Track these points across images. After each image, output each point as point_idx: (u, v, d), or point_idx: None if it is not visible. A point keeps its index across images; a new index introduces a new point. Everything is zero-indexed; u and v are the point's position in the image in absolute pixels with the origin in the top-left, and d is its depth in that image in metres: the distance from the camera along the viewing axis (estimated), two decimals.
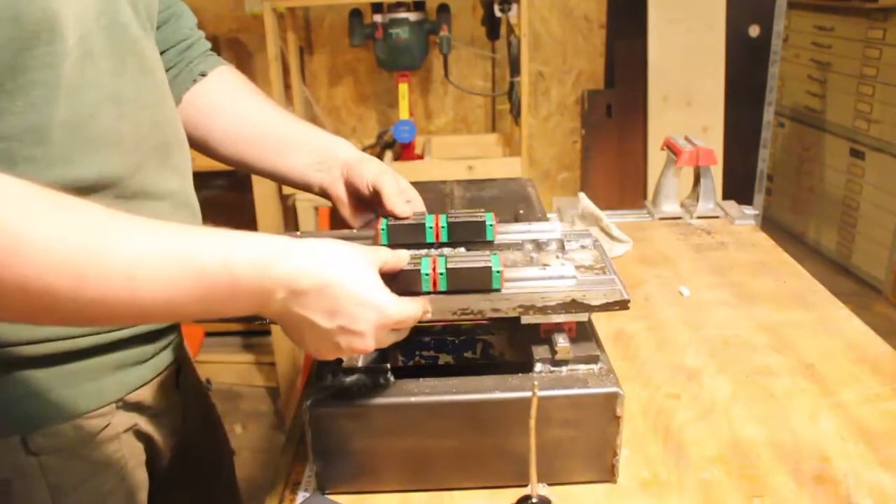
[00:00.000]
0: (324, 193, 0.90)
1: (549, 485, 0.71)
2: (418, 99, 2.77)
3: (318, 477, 0.75)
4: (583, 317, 0.76)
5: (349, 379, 0.73)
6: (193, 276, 0.55)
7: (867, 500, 0.73)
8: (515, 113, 2.34)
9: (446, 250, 0.80)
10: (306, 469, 0.79)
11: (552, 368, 0.74)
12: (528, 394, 0.63)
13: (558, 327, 0.76)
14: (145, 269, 0.53)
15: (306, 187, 0.90)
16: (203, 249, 0.56)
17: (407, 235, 0.82)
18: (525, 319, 0.74)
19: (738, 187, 2.61)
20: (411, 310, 0.66)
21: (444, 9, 2.32)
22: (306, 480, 0.78)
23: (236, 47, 2.61)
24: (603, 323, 1.06)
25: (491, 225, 0.83)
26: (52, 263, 0.50)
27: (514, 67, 2.30)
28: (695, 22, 2.73)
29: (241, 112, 0.89)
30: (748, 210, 1.44)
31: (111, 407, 0.73)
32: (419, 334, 0.88)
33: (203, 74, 0.89)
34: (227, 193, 2.50)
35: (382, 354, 0.76)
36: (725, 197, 1.49)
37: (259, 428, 2.44)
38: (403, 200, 0.84)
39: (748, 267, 1.23)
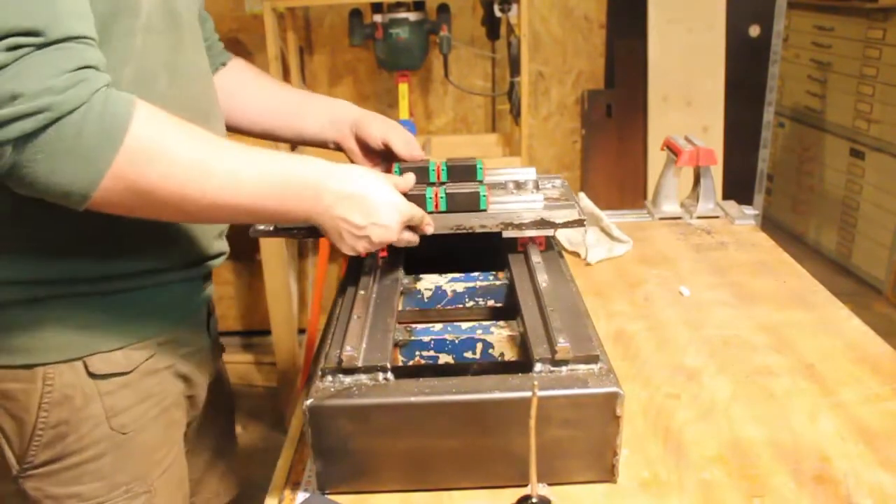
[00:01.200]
0: (338, 147, 1.08)
1: (549, 485, 0.71)
2: (418, 99, 2.77)
3: (318, 477, 0.75)
4: (549, 231, 0.97)
5: (349, 379, 0.73)
6: (270, 178, 0.75)
7: (867, 500, 0.73)
8: (515, 113, 2.33)
9: (446, 185, 0.99)
10: (306, 469, 0.79)
11: (552, 368, 0.74)
12: (528, 394, 0.63)
13: (532, 241, 0.98)
14: (245, 173, 0.73)
15: (323, 145, 1.09)
16: (279, 159, 0.76)
17: (415, 176, 0.97)
18: (505, 234, 0.95)
19: (738, 187, 2.60)
20: (419, 210, 0.88)
21: (444, 9, 2.32)
22: (306, 480, 0.78)
23: (236, 47, 2.61)
24: (603, 323, 1.06)
25: (481, 168, 1.03)
26: (182, 171, 0.69)
27: (514, 67, 2.30)
28: (695, 22, 2.73)
29: (260, 91, 1.06)
30: (748, 210, 1.44)
31: (154, 342, 0.85)
32: (419, 334, 0.88)
33: (224, 64, 1.05)
34: None
35: (382, 354, 0.76)
36: (725, 197, 1.49)
37: (259, 428, 2.44)
38: (410, 150, 1.05)
39: (748, 267, 1.23)
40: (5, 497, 0.85)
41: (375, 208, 0.81)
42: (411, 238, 0.88)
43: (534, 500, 0.66)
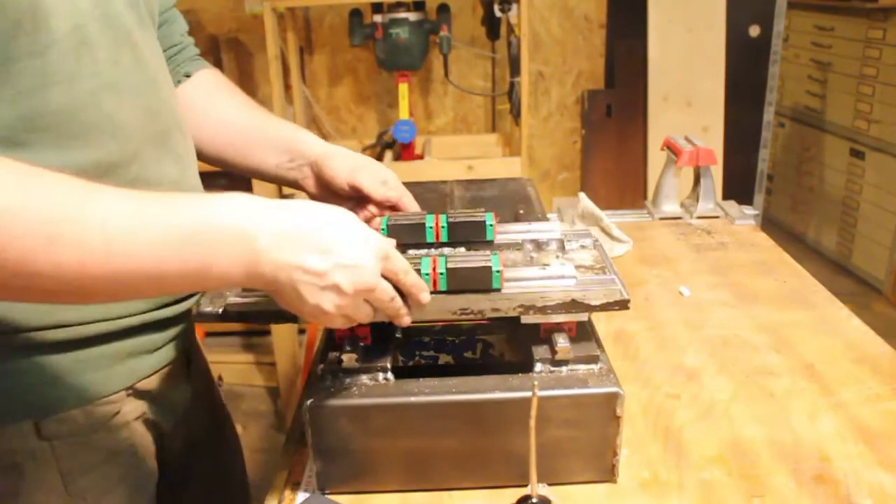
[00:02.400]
0: (299, 188, 0.92)
1: (549, 485, 0.71)
2: (418, 99, 2.77)
3: (318, 477, 0.75)
4: (582, 316, 0.76)
5: (349, 379, 0.73)
6: (170, 230, 0.55)
7: (867, 500, 0.73)
8: (515, 113, 2.33)
9: (446, 250, 0.81)
10: (306, 469, 0.79)
11: (552, 368, 0.74)
12: (528, 394, 0.63)
13: (558, 327, 0.76)
14: (119, 231, 0.53)
15: (284, 183, 0.92)
16: (180, 205, 0.56)
17: (407, 235, 0.82)
18: (525, 319, 0.74)
19: (738, 187, 2.61)
20: (402, 260, 0.65)
21: (444, 9, 2.32)
22: (306, 480, 0.78)
23: (236, 47, 2.61)
24: (603, 323, 1.06)
25: (491, 225, 0.83)
26: (25, 229, 0.50)
27: (514, 67, 2.30)
28: (695, 22, 2.73)
29: (216, 113, 0.91)
30: (748, 210, 1.44)
31: (122, 394, 0.74)
32: (419, 334, 0.88)
33: (187, 76, 0.92)
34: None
35: (382, 354, 0.76)
36: (725, 197, 1.49)
37: (259, 428, 2.44)
38: (386, 192, 0.86)
39: (748, 267, 1.23)
40: None
41: (337, 242, 0.59)
42: (395, 298, 0.65)
43: (534, 500, 0.66)
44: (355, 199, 0.88)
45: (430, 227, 0.82)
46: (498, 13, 2.26)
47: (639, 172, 2.91)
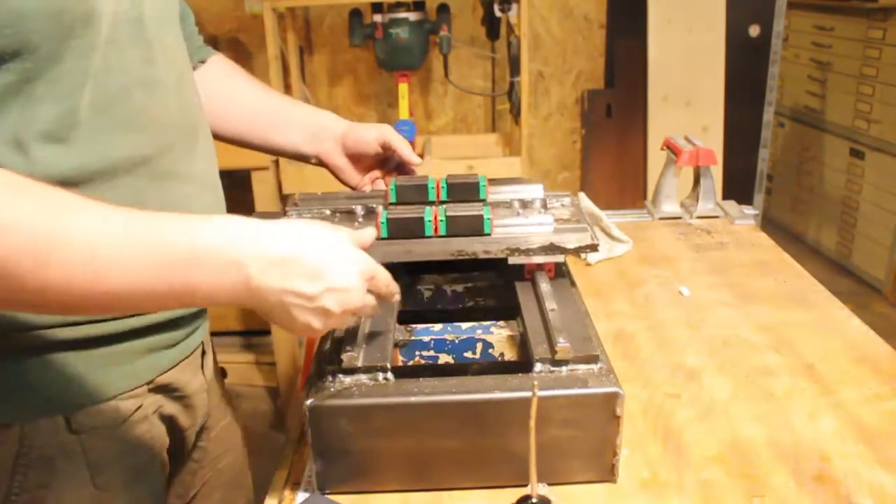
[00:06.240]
0: (321, 163, 1.00)
1: (549, 485, 0.70)
2: (418, 99, 2.77)
3: (318, 477, 0.75)
4: (559, 258, 0.88)
5: (349, 379, 0.73)
6: (156, 252, 0.56)
7: (867, 500, 0.73)
8: (515, 113, 2.33)
9: (446, 205, 0.91)
10: (306, 469, 0.79)
11: (552, 368, 0.74)
12: (528, 394, 0.63)
13: (540, 268, 0.89)
14: (106, 252, 0.54)
15: (302, 159, 1.00)
16: (167, 226, 0.57)
17: (413, 194, 0.93)
18: (511, 260, 0.86)
19: (738, 187, 2.60)
20: (382, 269, 0.69)
21: (444, 9, 2.32)
22: (306, 480, 0.78)
23: (236, 47, 2.61)
24: (603, 323, 1.06)
25: (483, 185, 0.94)
26: (13, 243, 0.51)
27: (514, 67, 2.30)
28: (695, 22, 2.73)
29: (236, 95, 0.96)
30: (748, 210, 1.44)
31: (143, 388, 0.77)
32: (419, 334, 0.88)
33: (202, 62, 0.96)
34: (227, 193, 2.50)
35: (382, 354, 0.76)
36: (725, 197, 1.49)
37: (259, 428, 2.44)
38: (410, 150, 0.97)
39: (748, 267, 1.23)
40: None
41: (326, 267, 0.62)
42: (375, 307, 0.69)
43: (534, 500, 0.66)
44: (380, 161, 1.00)
45: (433, 188, 0.93)
46: (498, 13, 2.26)
47: (639, 172, 2.91)
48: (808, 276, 1.20)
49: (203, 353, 0.88)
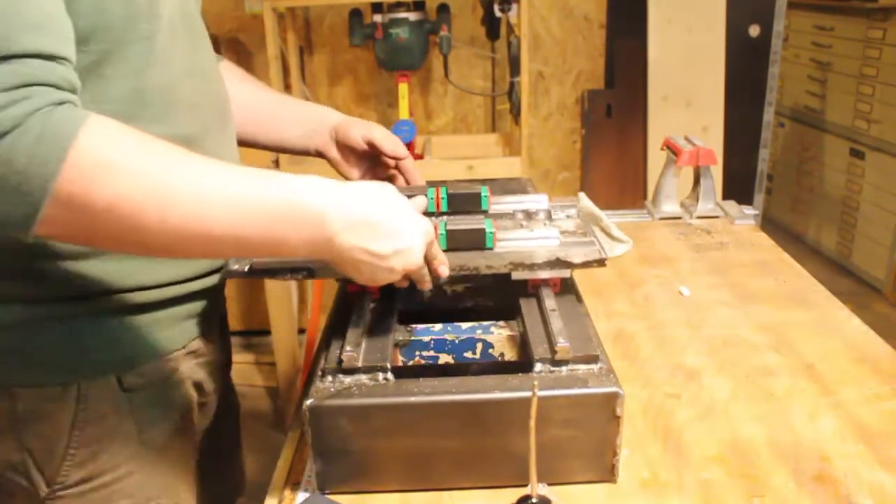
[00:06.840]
0: (320, 155, 1.05)
1: (549, 485, 0.71)
2: (418, 99, 2.77)
3: (318, 477, 0.75)
4: (565, 273, 0.85)
5: (349, 379, 0.73)
6: (258, 205, 0.63)
7: (867, 500, 0.73)
8: (515, 113, 2.33)
9: (446, 218, 0.89)
10: (306, 469, 0.79)
11: (552, 368, 0.74)
12: (528, 394, 0.63)
13: (545, 283, 0.86)
14: (216, 199, 0.62)
15: (305, 153, 1.05)
16: (267, 182, 0.65)
17: None
18: (515, 275, 0.83)
19: (738, 187, 2.60)
20: (437, 243, 0.76)
21: (444, 9, 2.32)
22: (306, 480, 0.78)
23: (236, 47, 2.61)
24: (603, 323, 1.06)
25: (486, 196, 0.93)
26: (140, 189, 0.58)
27: (514, 67, 2.30)
28: (695, 22, 2.73)
29: (241, 95, 1.01)
30: (748, 210, 1.44)
31: (182, 352, 0.84)
32: (419, 334, 0.88)
33: None
34: None
35: (382, 354, 0.76)
36: (725, 197, 1.49)
37: (259, 428, 2.43)
38: (394, 147, 1.00)
39: (748, 267, 1.23)
40: None
41: (398, 232, 0.69)
42: (427, 275, 0.76)
43: (534, 500, 0.66)
44: (370, 158, 1.03)
45: (432, 199, 0.91)
46: (498, 13, 2.26)
47: (639, 172, 2.91)
48: (808, 276, 1.20)
49: (222, 326, 0.97)
